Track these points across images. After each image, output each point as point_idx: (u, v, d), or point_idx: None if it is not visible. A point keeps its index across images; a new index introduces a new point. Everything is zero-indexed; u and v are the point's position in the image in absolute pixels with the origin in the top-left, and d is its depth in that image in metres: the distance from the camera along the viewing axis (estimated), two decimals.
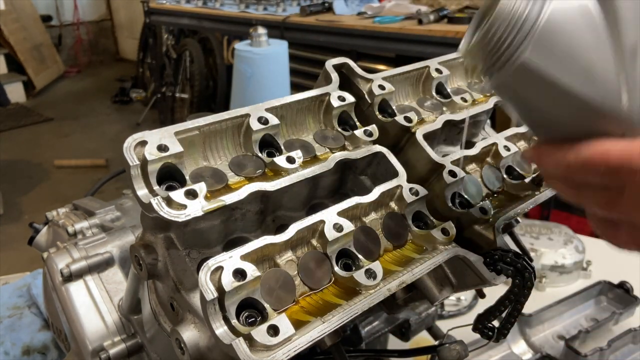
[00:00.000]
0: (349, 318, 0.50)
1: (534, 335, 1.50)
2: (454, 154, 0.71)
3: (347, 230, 0.55)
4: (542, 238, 1.86)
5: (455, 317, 1.65)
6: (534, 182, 0.72)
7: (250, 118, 0.60)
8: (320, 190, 0.69)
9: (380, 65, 3.46)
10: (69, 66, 9.53)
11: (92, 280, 0.96)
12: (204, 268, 0.47)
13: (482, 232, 0.66)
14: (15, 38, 7.94)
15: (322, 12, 3.85)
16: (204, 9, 4.50)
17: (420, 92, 0.80)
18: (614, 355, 1.38)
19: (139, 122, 6.89)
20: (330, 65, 0.71)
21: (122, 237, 1.03)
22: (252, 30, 3.00)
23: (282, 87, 3.11)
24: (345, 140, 0.67)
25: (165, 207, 0.50)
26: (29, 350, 1.34)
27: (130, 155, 0.52)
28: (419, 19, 3.15)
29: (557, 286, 1.79)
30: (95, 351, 0.90)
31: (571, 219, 3.68)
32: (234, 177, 0.59)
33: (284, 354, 0.46)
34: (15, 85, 8.02)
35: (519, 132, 0.78)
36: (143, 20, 5.77)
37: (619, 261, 1.93)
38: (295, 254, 0.55)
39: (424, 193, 0.64)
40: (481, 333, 0.71)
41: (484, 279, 0.63)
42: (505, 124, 0.82)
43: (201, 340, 0.57)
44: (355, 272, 0.53)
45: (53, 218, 1.22)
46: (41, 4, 9.14)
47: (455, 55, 0.82)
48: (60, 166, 5.83)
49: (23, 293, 1.51)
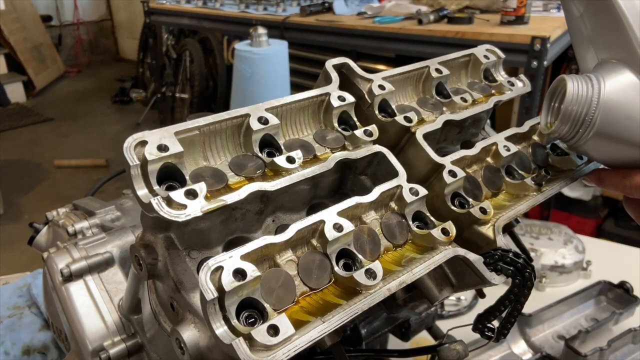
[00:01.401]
0: (349, 318, 0.50)
1: (534, 335, 1.50)
2: (454, 154, 0.71)
3: (347, 230, 0.55)
4: (542, 238, 1.86)
5: (455, 317, 1.65)
6: (534, 182, 0.72)
7: (250, 118, 0.60)
8: (320, 190, 0.69)
9: (380, 65, 3.46)
10: (69, 66, 9.54)
11: (92, 280, 0.96)
12: (204, 268, 0.47)
13: (482, 232, 0.66)
14: (15, 38, 7.95)
15: (322, 12, 3.85)
16: (204, 9, 4.50)
17: (420, 92, 0.80)
18: (613, 355, 1.38)
19: (139, 122, 6.89)
20: (330, 65, 0.71)
21: (122, 237, 1.03)
22: (252, 30, 3.01)
23: (282, 87, 3.11)
24: (345, 140, 0.67)
25: (165, 207, 0.50)
26: (29, 350, 1.34)
27: (130, 155, 0.52)
28: (419, 19, 3.15)
29: (557, 286, 1.79)
30: (95, 351, 0.90)
31: (571, 219, 3.69)
32: (234, 177, 0.59)
33: (284, 354, 0.46)
34: (15, 85, 8.03)
35: (519, 132, 0.78)
36: (143, 20, 5.76)
37: (619, 261, 1.94)
38: (295, 254, 0.55)
39: (424, 193, 0.64)
40: (481, 333, 0.71)
41: (484, 279, 0.63)
42: (505, 124, 0.82)
43: (201, 340, 0.57)
44: (355, 272, 0.53)
45: (53, 218, 1.23)
46: (41, 4, 9.14)
47: (456, 55, 0.83)
48: (60, 166, 5.84)
49: (23, 293, 1.51)
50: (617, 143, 0.63)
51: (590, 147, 0.66)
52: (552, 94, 0.70)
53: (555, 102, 0.70)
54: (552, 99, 0.70)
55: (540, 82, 2.73)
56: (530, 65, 2.58)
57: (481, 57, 0.83)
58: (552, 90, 0.70)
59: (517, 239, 0.92)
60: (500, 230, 0.66)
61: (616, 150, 0.65)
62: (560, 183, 0.75)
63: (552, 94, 0.70)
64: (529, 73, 2.61)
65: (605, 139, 0.64)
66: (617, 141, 0.63)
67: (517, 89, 0.83)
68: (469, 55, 0.84)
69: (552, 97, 0.70)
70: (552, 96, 0.70)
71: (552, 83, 0.70)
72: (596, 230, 3.80)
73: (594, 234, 3.73)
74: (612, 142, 0.64)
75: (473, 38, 2.79)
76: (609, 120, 0.62)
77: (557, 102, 0.70)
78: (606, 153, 0.66)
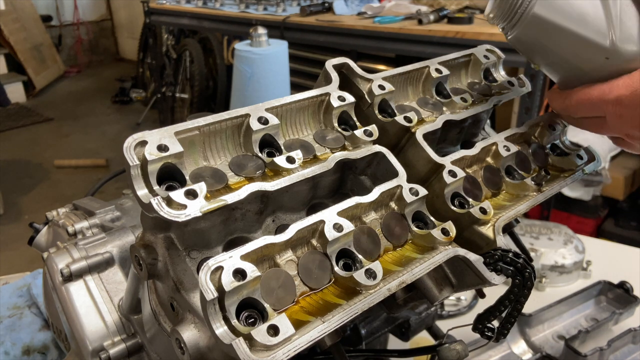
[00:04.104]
0: (349, 318, 0.50)
1: (534, 335, 1.50)
2: (454, 154, 0.71)
3: (347, 230, 0.55)
4: (542, 238, 1.86)
5: (455, 317, 1.65)
6: (534, 182, 0.72)
7: (250, 118, 0.60)
8: (320, 190, 0.69)
9: (380, 65, 3.47)
10: (69, 66, 9.55)
11: (92, 280, 0.96)
12: (204, 268, 0.47)
13: (482, 232, 0.66)
14: (15, 38, 7.95)
15: (322, 12, 3.85)
16: (204, 9, 4.50)
17: (420, 92, 0.80)
18: (613, 355, 1.38)
19: (139, 122, 6.90)
20: (330, 65, 0.71)
21: (122, 237, 1.03)
22: (252, 30, 3.00)
23: (282, 87, 3.11)
24: (345, 140, 0.67)
25: (165, 207, 0.50)
26: (29, 350, 1.34)
27: (130, 155, 0.52)
28: (419, 19, 3.15)
29: (557, 286, 1.79)
30: (95, 351, 0.90)
31: (571, 219, 3.69)
32: (234, 177, 0.59)
33: (284, 354, 0.46)
34: (15, 85, 8.03)
35: (518, 132, 0.78)
36: (143, 20, 5.77)
37: (619, 261, 1.94)
38: (295, 254, 0.55)
39: (424, 193, 0.64)
40: (481, 333, 0.71)
41: (484, 279, 0.63)
42: (505, 124, 0.82)
43: (201, 340, 0.57)
44: (355, 272, 0.53)
45: (53, 218, 1.22)
46: (41, 4, 9.15)
47: (456, 55, 0.83)
48: (60, 166, 5.84)
49: (23, 293, 1.51)
50: (553, 32, 0.64)
51: (526, 35, 0.66)
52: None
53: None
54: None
55: (540, 82, 2.73)
56: (530, 65, 2.57)
57: (481, 57, 0.83)
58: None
59: (517, 239, 0.92)
60: (500, 231, 0.66)
61: (553, 42, 0.65)
62: (560, 183, 0.75)
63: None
64: (529, 73, 2.61)
65: (543, 26, 0.64)
66: (554, 29, 0.63)
67: (517, 89, 0.83)
68: (469, 55, 0.84)
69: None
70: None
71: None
72: (596, 230, 3.80)
73: (594, 234, 3.74)
74: (550, 31, 0.64)
75: (473, 38, 2.79)
76: (547, 4, 0.63)
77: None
78: (545, 45, 0.66)
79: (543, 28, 0.65)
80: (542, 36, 0.66)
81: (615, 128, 0.67)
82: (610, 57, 0.63)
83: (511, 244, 0.71)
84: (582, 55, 0.65)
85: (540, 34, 0.66)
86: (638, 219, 3.77)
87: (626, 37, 0.62)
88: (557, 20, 0.63)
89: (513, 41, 0.70)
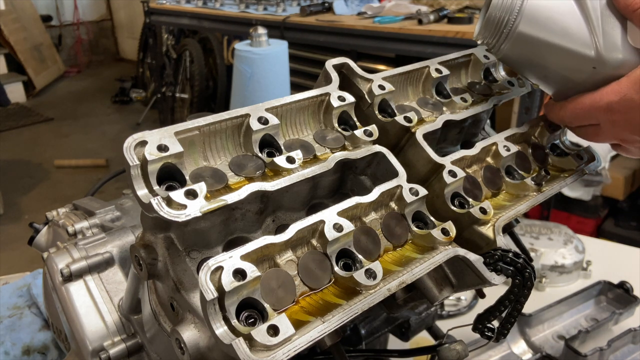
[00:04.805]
0: (349, 318, 0.50)
1: (534, 335, 1.50)
2: (454, 154, 0.71)
3: (347, 230, 0.55)
4: (542, 238, 1.86)
5: (455, 317, 1.65)
6: (534, 182, 0.72)
7: (250, 118, 0.60)
8: (320, 190, 0.69)
9: (380, 65, 3.46)
10: (69, 66, 9.54)
11: (92, 280, 0.96)
12: (204, 268, 0.47)
13: (482, 232, 0.66)
14: (15, 38, 7.95)
15: (322, 12, 3.85)
16: (204, 9, 4.50)
17: (420, 92, 0.80)
18: (613, 355, 1.38)
19: (139, 122, 6.90)
20: (330, 65, 0.71)
21: (122, 237, 1.03)
22: (252, 30, 3.00)
23: (282, 87, 3.11)
24: (345, 140, 0.67)
25: (165, 207, 0.50)
26: (29, 350, 1.34)
27: (130, 155, 0.52)
28: (419, 19, 3.15)
29: (557, 286, 1.79)
30: (95, 351, 0.90)
31: (571, 219, 3.69)
32: (234, 177, 0.59)
33: (284, 354, 0.46)
34: (15, 85, 8.03)
35: (518, 132, 0.78)
36: (143, 20, 5.77)
37: (619, 261, 1.94)
38: (295, 254, 0.55)
39: (424, 193, 0.64)
40: (481, 333, 0.71)
41: (484, 279, 0.63)
42: (505, 124, 0.82)
43: (201, 340, 0.57)
44: (355, 272, 0.53)
45: (53, 218, 1.22)
46: (41, 4, 9.14)
47: (456, 55, 0.83)
48: (60, 166, 5.84)
49: (23, 293, 1.51)
50: (539, 47, 0.66)
51: (514, 53, 0.69)
52: (486, 4, 0.72)
53: (485, 10, 0.72)
54: (485, 8, 0.72)
55: None
56: None
57: (481, 57, 0.83)
58: (486, 2, 0.72)
59: (517, 239, 0.92)
60: (500, 231, 0.66)
61: (540, 57, 0.68)
62: (560, 183, 0.75)
63: (485, 4, 0.72)
64: None
65: (529, 43, 0.67)
66: (539, 45, 0.66)
67: (517, 89, 0.83)
68: (469, 55, 0.84)
69: (485, 7, 0.72)
70: (485, 6, 0.72)
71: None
72: (596, 230, 3.80)
73: (594, 234, 3.74)
74: (535, 46, 0.67)
75: (473, 38, 2.79)
76: (531, 22, 0.65)
77: (485, 9, 0.72)
78: (533, 60, 0.69)
79: (529, 44, 0.67)
80: (529, 52, 0.68)
81: (611, 134, 0.69)
82: (597, 66, 0.65)
83: (511, 244, 0.71)
84: (571, 67, 0.67)
85: (528, 51, 0.68)
86: (638, 219, 3.77)
87: (610, 46, 0.64)
88: (541, 36, 0.66)
89: (503, 60, 0.73)
